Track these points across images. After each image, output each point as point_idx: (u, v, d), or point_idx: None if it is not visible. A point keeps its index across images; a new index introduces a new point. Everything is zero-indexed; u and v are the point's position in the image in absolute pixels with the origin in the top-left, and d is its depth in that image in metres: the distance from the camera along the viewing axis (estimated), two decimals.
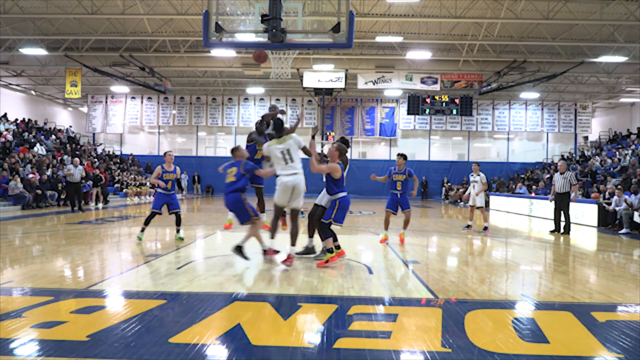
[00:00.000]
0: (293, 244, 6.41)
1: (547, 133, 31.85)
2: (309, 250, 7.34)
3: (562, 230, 11.53)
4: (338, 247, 6.72)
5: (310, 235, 7.43)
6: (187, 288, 5.17)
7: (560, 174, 11.67)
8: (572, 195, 11.56)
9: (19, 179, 16.72)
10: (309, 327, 3.93)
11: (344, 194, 6.73)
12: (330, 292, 5.06)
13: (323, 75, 23.52)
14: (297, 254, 6.92)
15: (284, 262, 6.37)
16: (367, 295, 5.02)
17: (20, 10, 17.86)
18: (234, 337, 3.59)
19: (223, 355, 3.28)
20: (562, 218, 11.66)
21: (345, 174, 6.97)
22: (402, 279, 5.92)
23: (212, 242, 9.25)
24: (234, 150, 6.96)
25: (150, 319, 4.01)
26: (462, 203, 26.46)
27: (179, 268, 6.33)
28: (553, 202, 11.82)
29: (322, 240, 6.69)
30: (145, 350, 3.30)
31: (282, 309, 4.36)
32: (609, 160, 22.70)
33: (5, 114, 24.56)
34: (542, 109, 31.09)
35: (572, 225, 11.79)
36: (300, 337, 3.66)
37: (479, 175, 11.81)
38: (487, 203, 23.48)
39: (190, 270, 6.23)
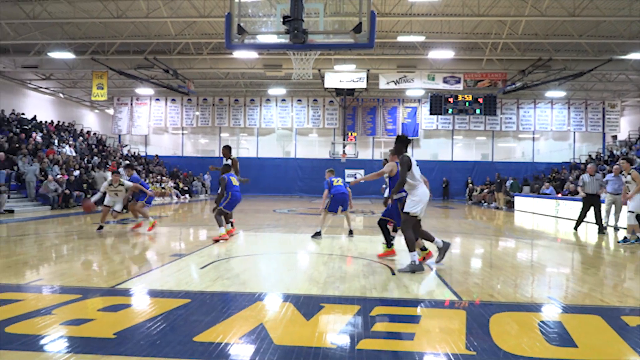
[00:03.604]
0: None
1: (574, 132, 31.17)
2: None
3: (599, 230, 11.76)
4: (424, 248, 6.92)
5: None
6: (210, 287, 5.23)
7: (590, 175, 11.69)
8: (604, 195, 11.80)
9: (51, 178, 17.22)
10: (331, 328, 3.92)
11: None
12: (352, 293, 5.05)
13: (344, 75, 23.49)
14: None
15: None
16: (389, 297, 4.99)
17: (49, 15, 18.32)
18: (257, 337, 3.61)
19: (246, 354, 3.30)
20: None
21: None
22: (425, 280, 5.86)
23: (235, 242, 9.32)
24: None
25: (175, 318, 4.06)
26: (485, 204, 26.11)
27: (202, 268, 6.40)
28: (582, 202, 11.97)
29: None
30: (170, 349, 3.34)
31: (305, 309, 4.36)
32: (639, 160, 22.06)
33: (35, 116, 25.24)
34: (569, 108, 30.43)
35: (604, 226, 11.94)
36: (322, 337, 3.66)
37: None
38: (512, 204, 23.21)
39: (214, 270, 6.29)
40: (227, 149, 10.38)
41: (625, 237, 9.91)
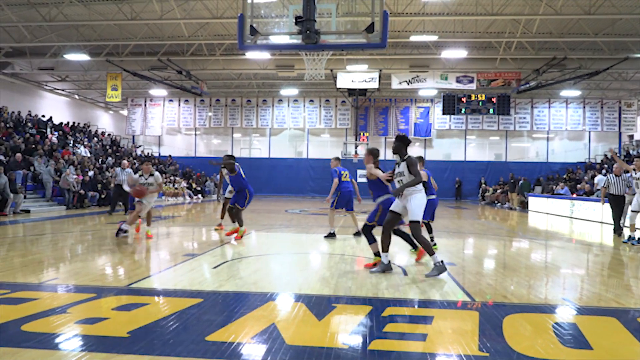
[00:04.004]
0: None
1: (590, 132, 30.74)
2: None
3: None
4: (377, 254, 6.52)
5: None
6: (223, 287, 5.25)
7: (616, 176, 11.14)
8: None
9: (69, 172, 17.47)
10: (343, 328, 3.92)
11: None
12: (364, 294, 5.04)
13: (357, 75, 23.43)
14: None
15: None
16: (402, 297, 4.97)
17: (65, 17, 18.56)
18: (269, 337, 3.62)
19: (258, 354, 3.31)
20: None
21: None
22: (437, 281, 5.83)
23: (247, 242, 9.35)
24: None
25: (188, 317, 4.09)
26: (499, 204, 25.88)
27: (215, 267, 6.44)
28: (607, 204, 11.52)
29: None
30: (182, 348, 3.36)
31: (317, 310, 4.36)
32: None
33: (51, 118, 25.60)
34: (584, 107, 30.02)
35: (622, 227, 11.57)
36: (334, 338, 3.66)
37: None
38: (526, 204, 22.96)
39: (226, 269, 6.33)
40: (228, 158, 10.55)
41: (639, 239, 9.74)
